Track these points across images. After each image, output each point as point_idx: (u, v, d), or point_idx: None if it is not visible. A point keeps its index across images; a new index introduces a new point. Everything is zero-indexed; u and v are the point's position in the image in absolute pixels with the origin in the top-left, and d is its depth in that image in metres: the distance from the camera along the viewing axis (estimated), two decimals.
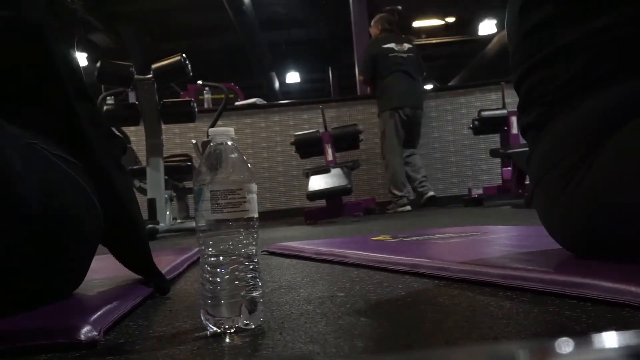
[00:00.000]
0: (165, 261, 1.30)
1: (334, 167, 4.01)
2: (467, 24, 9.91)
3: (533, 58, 0.93)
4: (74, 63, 0.92)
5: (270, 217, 4.97)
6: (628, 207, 0.78)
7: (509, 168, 4.18)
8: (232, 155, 0.65)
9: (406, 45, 4.50)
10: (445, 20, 9.76)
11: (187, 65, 3.35)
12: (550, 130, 0.91)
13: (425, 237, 1.56)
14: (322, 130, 4.38)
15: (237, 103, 5.70)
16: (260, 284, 0.65)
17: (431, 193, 4.50)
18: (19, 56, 0.83)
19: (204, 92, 5.87)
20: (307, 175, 4.06)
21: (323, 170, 4.03)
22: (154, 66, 3.42)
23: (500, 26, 9.07)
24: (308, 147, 4.35)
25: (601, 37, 0.85)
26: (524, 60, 0.95)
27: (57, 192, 0.78)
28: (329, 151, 4.29)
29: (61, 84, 0.86)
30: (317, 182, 3.92)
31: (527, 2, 0.95)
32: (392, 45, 4.47)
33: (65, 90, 0.86)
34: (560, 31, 0.89)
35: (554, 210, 0.91)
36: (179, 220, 4.01)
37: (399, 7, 4.83)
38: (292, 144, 4.37)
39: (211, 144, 0.66)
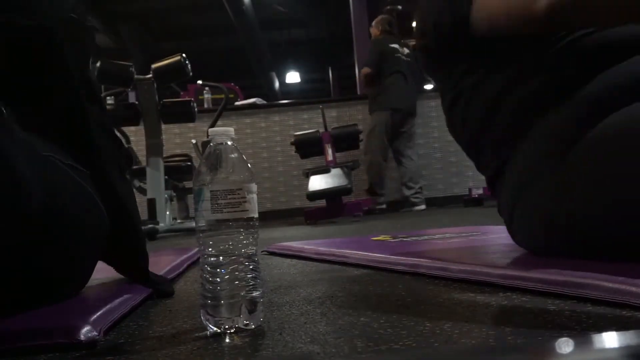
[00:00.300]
0: (165, 261, 1.30)
1: (334, 167, 4.01)
2: None
3: (472, 131, 1.06)
4: (87, 67, 0.95)
5: (270, 217, 4.97)
6: (605, 206, 0.81)
7: None
8: (232, 155, 0.65)
9: (406, 50, 4.52)
10: None
11: (187, 65, 3.34)
12: (512, 169, 0.99)
13: (425, 237, 1.56)
14: (322, 130, 4.39)
15: (237, 103, 5.70)
16: (260, 284, 0.65)
17: (423, 207, 4.58)
18: (32, 59, 0.85)
19: (204, 92, 5.87)
20: (307, 175, 4.06)
21: (323, 170, 4.03)
22: (154, 66, 3.41)
23: None
24: (308, 147, 4.35)
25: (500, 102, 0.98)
26: (470, 142, 1.10)
27: (61, 193, 0.79)
28: (329, 151, 4.29)
29: (73, 85, 0.87)
30: (317, 182, 3.92)
31: (453, 98, 1.09)
32: (396, 46, 4.48)
33: (77, 93, 0.88)
34: (483, 94, 1.02)
35: (533, 229, 0.95)
36: (179, 220, 4.01)
37: (399, 7, 4.83)
38: (292, 144, 4.37)
39: (211, 144, 0.66)
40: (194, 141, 4.32)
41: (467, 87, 1.04)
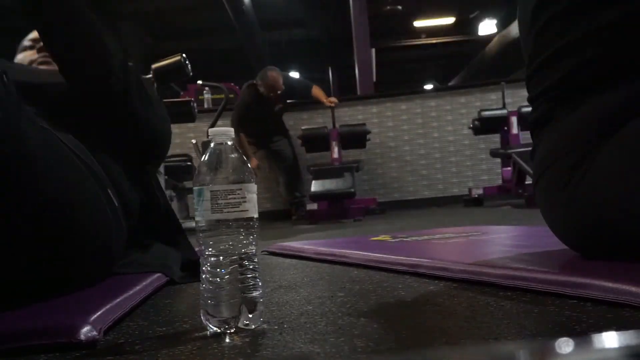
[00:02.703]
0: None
1: (338, 169, 4.04)
2: (467, 24, 9.91)
3: (545, 53, 0.92)
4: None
5: (270, 217, 4.96)
6: (631, 204, 0.78)
7: (509, 168, 4.18)
8: (232, 155, 0.65)
9: None
10: (445, 20, 9.76)
11: (187, 65, 3.33)
12: (553, 128, 0.91)
13: (425, 237, 1.56)
14: (330, 127, 4.44)
15: None
16: (260, 284, 0.65)
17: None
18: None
19: (204, 92, 5.86)
20: (312, 174, 4.10)
21: (328, 170, 4.05)
22: (153, 66, 3.40)
23: (500, 26, 9.06)
24: (315, 142, 4.42)
25: (614, 32, 0.83)
26: (537, 56, 0.94)
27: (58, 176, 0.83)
28: (335, 149, 4.33)
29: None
30: (321, 183, 3.94)
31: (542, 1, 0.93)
32: None
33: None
34: (572, 26, 0.87)
35: (554, 209, 0.91)
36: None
37: (399, 7, 4.83)
38: (299, 137, 4.44)
39: (211, 144, 0.66)
40: (194, 141, 4.32)
41: (562, 5, 0.89)
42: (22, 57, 1.27)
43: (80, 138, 1.03)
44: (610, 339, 0.31)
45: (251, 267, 0.64)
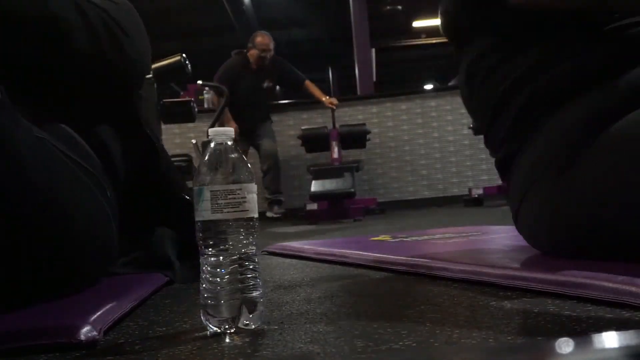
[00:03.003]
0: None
1: (338, 169, 4.04)
2: None
3: (491, 104, 0.98)
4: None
5: (270, 217, 4.96)
6: (621, 206, 0.78)
7: None
8: (232, 155, 0.65)
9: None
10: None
11: (187, 65, 3.34)
12: (533, 147, 0.93)
13: (425, 237, 1.56)
14: (330, 127, 4.44)
15: None
16: (260, 284, 0.65)
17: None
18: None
19: (204, 92, 5.86)
20: (312, 174, 4.10)
21: (328, 170, 4.05)
22: (153, 66, 3.41)
23: None
24: (314, 142, 4.43)
25: (541, 71, 0.91)
26: (485, 113, 1.01)
27: (55, 175, 0.82)
28: (335, 149, 4.33)
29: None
30: (321, 183, 3.94)
31: (469, 69, 1.02)
32: None
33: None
34: (508, 70, 0.95)
35: (545, 210, 0.91)
36: None
37: (399, 7, 4.82)
38: (299, 137, 4.45)
39: (211, 144, 0.66)
40: (194, 141, 4.33)
41: (484, 68, 0.99)
42: None
43: (54, 113, 0.96)
44: (610, 339, 0.31)
45: (251, 267, 0.64)
